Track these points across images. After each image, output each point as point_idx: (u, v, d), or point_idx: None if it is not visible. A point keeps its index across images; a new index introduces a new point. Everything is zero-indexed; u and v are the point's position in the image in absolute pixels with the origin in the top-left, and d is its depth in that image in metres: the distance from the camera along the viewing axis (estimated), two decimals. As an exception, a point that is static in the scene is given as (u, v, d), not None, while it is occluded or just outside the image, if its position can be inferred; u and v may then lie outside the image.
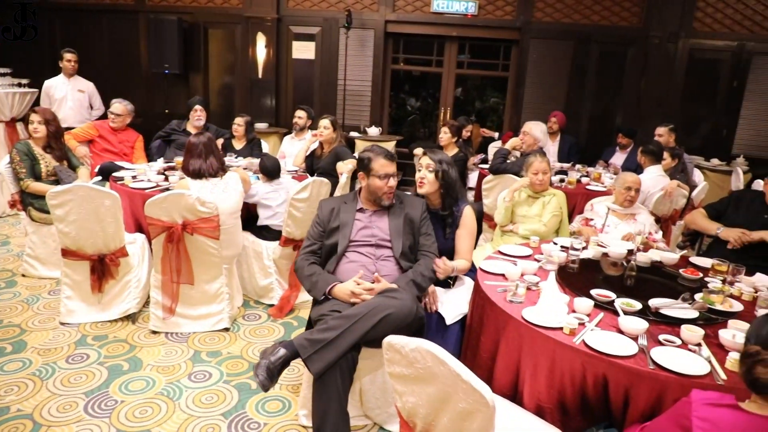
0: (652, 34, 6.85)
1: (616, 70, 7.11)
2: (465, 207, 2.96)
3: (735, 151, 7.07)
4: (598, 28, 7.03)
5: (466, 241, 2.92)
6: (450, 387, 1.58)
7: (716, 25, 6.93)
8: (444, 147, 5.15)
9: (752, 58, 6.90)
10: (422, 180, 2.92)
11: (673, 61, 6.95)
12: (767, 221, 3.14)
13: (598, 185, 4.84)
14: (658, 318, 2.17)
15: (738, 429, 1.38)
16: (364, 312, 2.29)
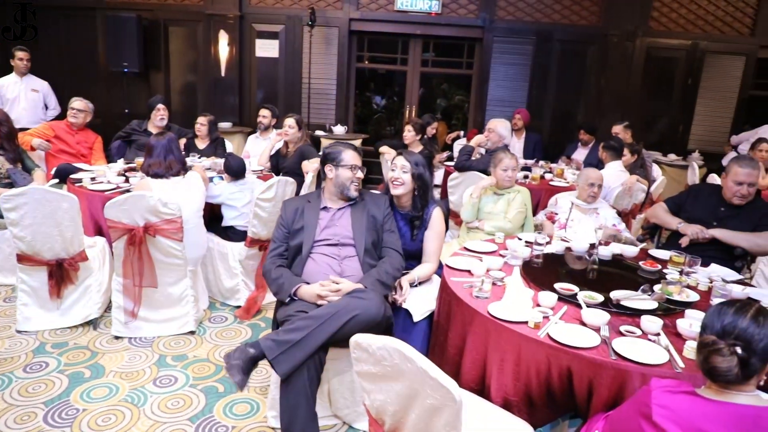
0: (611, 33, 7.02)
1: (577, 68, 7.25)
2: (434, 209, 2.96)
3: (691, 147, 7.31)
4: (559, 26, 7.16)
5: (433, 243, 2.93)
6: (417, 384, 1.59)
7: (671, 25, 7.14)
8: (408, 145, 5.16)
9: (705, 56, 7.14)
10: (397, 181, 2.92)
11: (631, 59, 7.13)
12: (723, 214, 3.24)
13: (561, 181, 4.93)
14: (619, 309, 2.22)
15: (695, 414, 1.43)
16: (332, 313, 2.28)
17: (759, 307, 1.48)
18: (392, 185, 2.94)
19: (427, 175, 2.97)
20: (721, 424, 1.41)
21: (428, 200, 2.97)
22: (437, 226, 2.94)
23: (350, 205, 2.78)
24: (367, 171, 7.56)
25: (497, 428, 1.94)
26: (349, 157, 2.73)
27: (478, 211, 3.71)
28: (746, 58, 7.12)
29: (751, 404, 1.43)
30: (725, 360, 1.42)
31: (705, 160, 6.91)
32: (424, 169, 2.93)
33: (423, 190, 2.93)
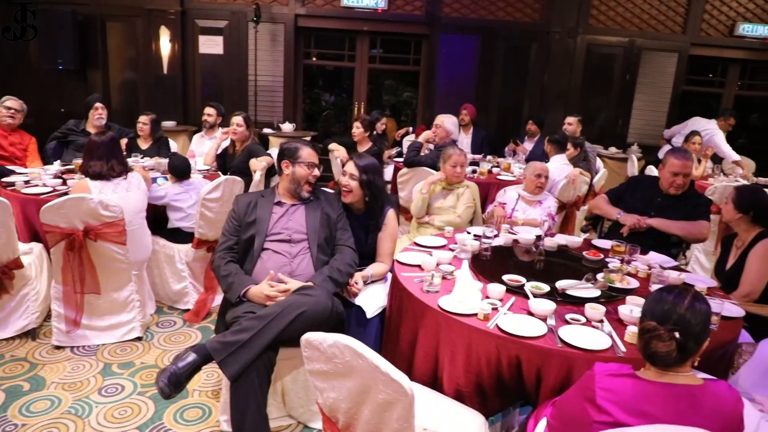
0: (553, 30, 7.22)
1: (521, 64, 7.42)
2: (389, 210, 2.96)
3: (630, 140, 7.61)
4: (503, 23, 7.31)
5: (387, 244, 2.92)
6: (369, 379, 1.59)
7: (609, 23, 7.40)
8: (358, 142, 5.16)
9: (641, 53, 7.44)
10: (345, 188, 2.89)
11: (573, 55, 7.35)
12: (660, 204, 3.38)
13: (508, 175, 5.04)
14: (564, 298, 2.29)
15: (635, 395, 1.49)
16: (278, 311, 2.25)
17: (694, 293, 1.56)
18: (342, 194, 2.92)
19: (379, 181, 2.93)
20: (660, 404, 1.47)
21: (383, 205, 2.95)
22: (391, 227, 2.94)
23: (304, 202, 2.76)
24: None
25: (450, 419, 1.96)
26: (306, 154, 2.71)
27: (427, 207, 3.74)
28: (679, 55, 7.46)
29: (687, 383, 1.51)
30: (665, 345, 1.48)
31: (643, 153, 7.20)
32: (374, 175, 2.89)
33: (374, 197, 2.90)
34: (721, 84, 8.10)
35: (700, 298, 1.55)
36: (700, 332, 1.51)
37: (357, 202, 2.93)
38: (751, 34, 7.43)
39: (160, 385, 2.15)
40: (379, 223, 2.93)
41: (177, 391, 2.19)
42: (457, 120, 5.77)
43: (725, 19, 7.45)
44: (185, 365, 2.19)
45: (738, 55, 7.67)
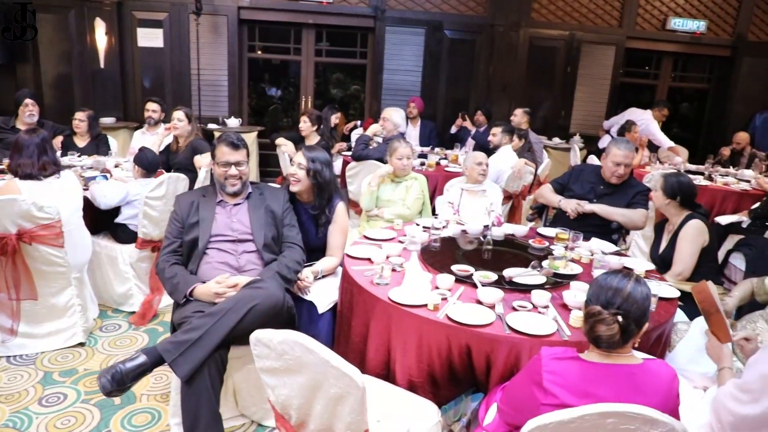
0: (497, 23, 7.33)
1: (466, 56, 7.51)
2: (339, 203, 2.94)
3: (572, 130, 7.83)
4: (448, 16, 7.37)
5: (337, 238, 2.91)
6: (320, 374, 1.59)
7: (551, 16, 7.59)
8: (305, 137, 5.11)
9: (581, 46, 7.67)
10: (293, 177, 2.87)
11: (516, 48, 7.50)
12: (602, 191, 3.50)
13: (456, 167, 5.10)
14: (511, 286, 2.35)
15: (580, 377, 1.54)
16: (229, 306, 2.21)
17: (636, 278, 1.62)
18: (291, 183, 2.89)
19: (328, 172, 2.90)
20: (603, 384, 1.53)
21: (331, 197, 2.93)
22: (341, 221, 2.92)
23: (247, 200, 2.71)
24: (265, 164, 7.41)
25: (403, 410, 1.98)
26: (220, 153, 2.63)
27: (377, 200, 3.75)
28: (616, 48, 7.73)
29: (628, 363, 1.57)
30: (609, 328, 1.54)
31: (585, 143, 7.43)
32: (323, 166, 2.86)
33: (322, 188, 2.88)
34: (655, 76, 8.45)
35: (641, 281, 1.62)
36: (641, 315, 1.57)
37: (305, 192, 2.90)
38: (681, 28, 7.77)
39: (103, 381, 2.08)
40: (329, 217, 2.91)
41: (120, 390, 2.12)
42: (405, 113, 5.81)
43: (658, 14, 7.76)
44: (133, 366, 2.12)
45: (670, 48, 8.00)
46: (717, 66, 8.34)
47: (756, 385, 1.60)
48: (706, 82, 8.57)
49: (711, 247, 2.96)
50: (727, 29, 7.91)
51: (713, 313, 2.03)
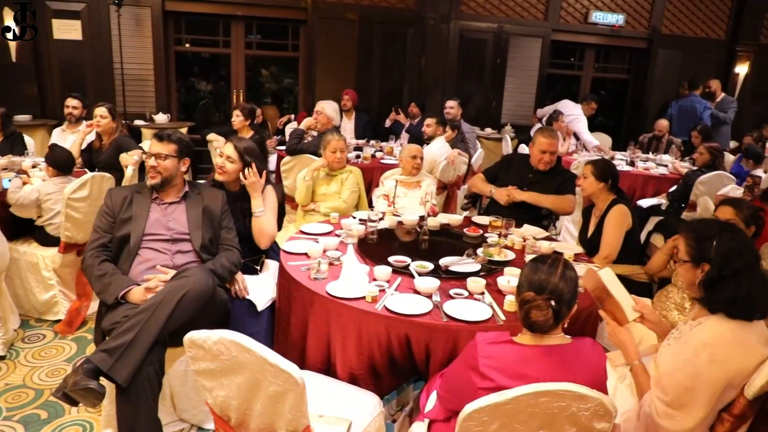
0: (427, 15, 7.40)
1: (398, 49, 7.54)
2: (266, 186, 2.92)
3: (503, 121, 8.04)
4: (379, 9, 7.37)
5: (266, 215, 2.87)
6: (258, 373, 1.57)
7: (479, 9, 7.73)
8: (238, 131, 4.99)
9: (510, 38, 7.86)
10: (220, 168, 2.81)
11: (447, 40, 7.60)
12: (531, 179, 3.62)
13: (391, 159, 5.13)
14: (448, 275, 2.39)
15: (514, 360, 1.59)
16: (159, 300, 2.13)
17: (564, 262, 1.68)
18: (216, 172, 2.84)
19: (258, 163, 2.87)
20: (535, 364, 1.59)
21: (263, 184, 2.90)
22: (270, 201, 2.90)
23: (185, 199, 2.61)
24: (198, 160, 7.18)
25: (345, 403, 1.98)
26: (148, 146, 2.59)
27: (312, 194, 3.72)
28: (542, 40, 7.98)
29: (559, 344, 1.63)
30: (543, 313, 1.59)
31: (516, 132, 7.65)
32: (254, 157, 2.85)
33: None
34: (579, 67, 8.79)
35: (569, 266, 1.68)
36: (571, 298, 1.64)
37: (232, 182, 2.86)
38: (602, 21, 8.11)
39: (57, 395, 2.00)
40: None
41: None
42: (339, 106, 5.78)
43: (580, 8, 8.06)
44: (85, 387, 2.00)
45: (592, 40, 8.34)
46: (635, 57, 8.77)
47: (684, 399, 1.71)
48: (626, 72, 9.00)
49: (634, 229, 3.12)
50: (643, 23, 8.33)
51: (605, 298, 2.02)
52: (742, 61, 8.56)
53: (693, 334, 1.78)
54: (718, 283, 1.77)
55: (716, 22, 8.59)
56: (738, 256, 1.77)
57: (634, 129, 8.42)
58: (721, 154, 5.06)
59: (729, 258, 1.77)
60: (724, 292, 1.75)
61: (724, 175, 4.73)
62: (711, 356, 1.69)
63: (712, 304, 1.78)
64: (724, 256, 1.78)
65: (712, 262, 1.79)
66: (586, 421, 1.48)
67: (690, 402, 1.71)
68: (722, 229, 1.85)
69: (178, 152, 2.57)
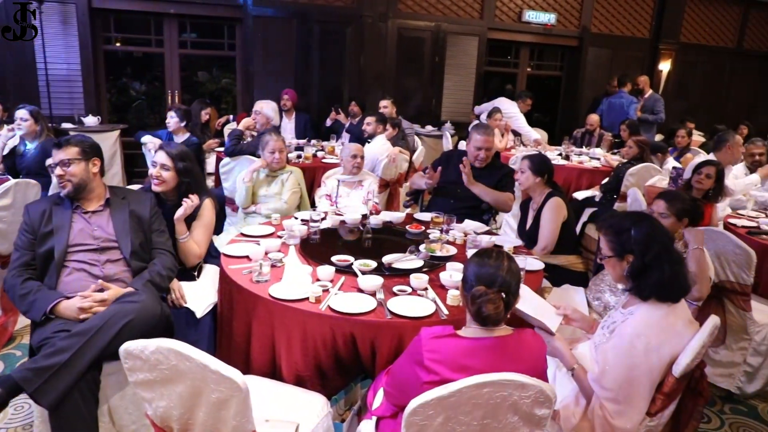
0: (365, 14, 7.41)
1: (337, 47, 7.52)
2: (205, 200, 2.81)
3: (443, 118, 8.15)
4: (317, 7, 7.32)
5: (199, 232, 2.78)
6: (200, 380, 1.53)
7: (417, 8, 7.81)
8: (173, 133, 4.84)
9: (447, 37, 7.98)
10: (157, 178, 2.70)
11: (385, 39, 7.64)
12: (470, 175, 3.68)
13: (333, 158, 5.11)
14: (391, 272, 2.40)
15: (458, 353, 1.61)
16: (100, 324, 2.04)
17: (508, 256, 1.73)
18: (154, 184, 2.72)
19: (197, 168, 2.81)
20: (479, 356, 1.62)
21: (200, 194, 2.80)
22: (206, 217, 2.81)
23: (108, 206, 2.49)
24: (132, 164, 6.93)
25: (292, 405, 1.96)
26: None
27: (253, 195, 3.66)
28: (479, 39, 8.15)
29: (501, 335, 1.67)
30: (495, 306, 1.62)
31: (456, 129, 7.77)
32: (191, 162, 2.76)
33: (191, 186, 2.75)
34: (515, 64, 9.03)
35: (512, 259, 1.73)
36: (516, 290, 1.68)
37: (170, 192, 2.76)
38: (535, 20, 8.36)
39: None
40: (194, 213, 2.77)
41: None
42: (278, 105, 5.71)
43: (514, 7, 8.28)
44: None
45: (526, 38, 8.59)
46: (567, 55, 9.10)
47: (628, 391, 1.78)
48: (559, 69, 9.33)
49: (570, 221, 3.24)
50: (573, 22, 8.65)
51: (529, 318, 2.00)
52: (665, 58, 9.03)
53: (626, 326, 1.86)
54: (644, 271, 1.86)
55: (640, 22, 9.03)
56: (655, 241, 1.87)
57: (568, 124, 8.74)
58: (648, 146, 5.31)
59: (648, 244, 1.87)
60: (651, 277, 1.84)
61: (651, 166, 4.97)
62: (646, 345, 1.77)
63: (643, 291, 1.87)
64: (643, 243, 1.87)
65: (635, 252, 1.88)
66: (527, 409, 1.52)
67: (634, 393, 1.78)
68: (636, 219, 1.95)
69: (82, 154, 2.41)
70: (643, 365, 1.77)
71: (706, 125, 8.30)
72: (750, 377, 3.03)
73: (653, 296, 1.85)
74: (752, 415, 2.97)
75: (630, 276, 1.90)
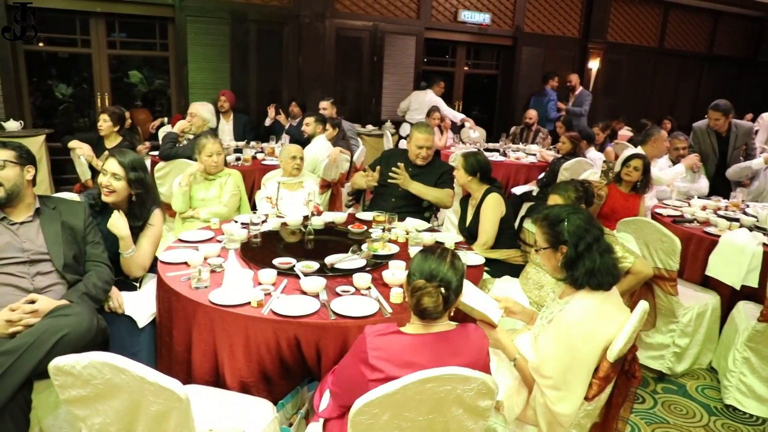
0: (302, 14, 7.34)
1: (275, 47, 7.42)
2: (155, 210, 2.73)
3: (383, 117, 8.20)
4: (253, 7, 7.20)
5: (144, 244, 2.69)
6: (137, 393, 1.48)
7: (354, 8, 7.81)
8: (105, 137, 4.64)
9: (385, 36, 8.03)
10: (107, 188, 2.58)
11: (323, 39, 7.59)
12: (411, 173, 3.71)
13: (273, 159, 5.04)
14: (334, 272, 2.40)
15: (401, 349, 1.63)
16: (31, 341, 1.93)
17: (452, 253, 1.76)
18: (104, 194, 2.61)
19: (149, 178, 2.71)
20: (423, 353, 1.64)
21: (151, 205, 2.71)
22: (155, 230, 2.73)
23: (37, 216, 2.36)
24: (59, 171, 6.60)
25: (236, 413, 1.93)
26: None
27: (190, 200, 3.56)
28: (416, 38, 8.24)
29: (444, 330, 1.70)
30: (433, 300, 1.64)
31: (396, 128, 7.83)
32: (144, 171, 2.66)
33: (143, 197, 2.66)
34: (452, 64, 9.19)
35: (457, 257, 1.77)
36: (458, 286, 1.71)
37: (121, 202, 2.65)
38: (470, 20, 8.53)
39: None
40: (143, 225, 2.69)
41: None
42: (216, 107, 5.58)
43: (450, 7, 8.42)
44: None
45: (463, 38, 8.76)
46: (503, 54, 9.35)
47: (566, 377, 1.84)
48: (496, 68, 9.56)
49: (508, 216, 3.32)
50: (507, 22, 8.89)
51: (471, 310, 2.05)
52: (594, 57, 9.43)
53: (563, 315, 1.93)
54: (577, 261, 1.94)
55: (570, 22, 9.39)
56: (587, 232, 1.96)
57: (505, 121, 8.97)
58: (580, 141, 5.53)
59: (580, 235, 1.96)
60: (583, 267, 1.92)
61: (584, 161, 5.18)
62: (582, 333, 1.84)
63: (576, 280, 1.95)
64: (576, 234, 1.96)
65: (568, 243, 1.96)
66: (471, 401, 1.55)
67: (573, 379, 1.85)
68: (569, 212, 2.04)
69: (18, 159, 2.29)
70: (580, 352, 1.84)
71: (633, 121, 8.72)
72: (679, 357, 3.21)
73: (586, 285, 1.93)
74: (682, 392, 3.15)
75: (564, 266, 1.98)
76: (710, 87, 11.07)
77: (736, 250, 3.20)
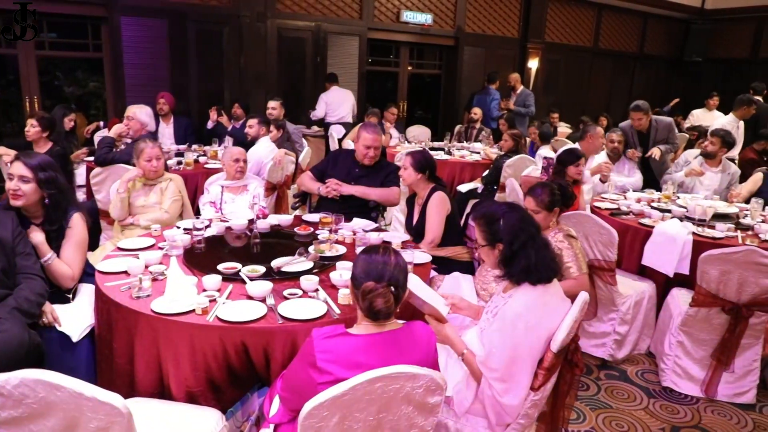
0: (243, 14, 7.21)
1: (215, 48, 7.25)
2: (74, 214, 2.58)
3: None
4: (191, 7, 7.00)
5: (72, 252, 2.56)
6: (75, 410, 1.41)
7: (296, 8, 7.73)
8: (34, 143, 4.41)
9: (328, 37, 7.99)
10: (15, 192, 2.42)
11: (265, 39, 7.49)
12: (358, 174, 3.72)
13: (216, 163, 4.93)
14: (280, 276, 2.37)
15: (350, 350, 1.63)
16: None
17: (394, 251, 1.77)
18: (11, 197, 2.44)
19: (62, 178, 2.55)
20: (371, 352, 1.64)
21: (68, 208, 2.57)
22: (77, 235, 2.58)
23: None
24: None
25: (184, 424, 1.88)
26: None
27: (129, 206, 3.43)
28: (359, 38, 8.24)
29: (392, 329, 1.71)
30: (386, 300, 1.65)
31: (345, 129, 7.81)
32: (54, 172, 2.50)
33: (57, 199, 2.51)
34: (396, 64, 9.25)
35: (398, 253, 1.78)
36: (404, 283, 1.72)
37: (32, 206, 2.50)
38: (412, 20, 8.61)
39: None
40: (63, 232, 2.55)
41: None
42: (154, 110, 5.41)
43: (392, 7, 8.47)
44: None
45: (405, 38, 8.83)
46: (445, 54, 9.48)
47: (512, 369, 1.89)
48: (439, 68, 9.69)
49: (454, 213, 3.37)
50: (449, 22, 9.02)
51: (423, 303, 2.08)
52: (533, 56, 9.71)
53: (507, 308, 1.97)
54: (513, 258, 1.99)
55: (509, 22, 9.63)
56: (522, 230, 2.02)
57: (449, 120, 9.10)
58: (522, 139, 5.68)
59: (516, 234, 2.01)
60: (519, 264, 1.98)
61: (526, 158, 5.32)
62: (526, 325, 1.89)
63: (513, 276, 2.00)
64: (511, 233, 2.01)
65: (504, 241, 2.01)
66: (420, 398, 1.57)
67: (518, 371, 1.89)
68: (505, 210, 2.09)
69: None
70: (525, 344, 1.89)
71: (571, 118, 9.03)
72: (619, 344, 3.35)
73: (523, 280, 1.98)
74: (623, 378, 3.28)
75: (501, 263, 2.03)
76: (642, 85, 11.63)
77: (668, 239, 3.36)
